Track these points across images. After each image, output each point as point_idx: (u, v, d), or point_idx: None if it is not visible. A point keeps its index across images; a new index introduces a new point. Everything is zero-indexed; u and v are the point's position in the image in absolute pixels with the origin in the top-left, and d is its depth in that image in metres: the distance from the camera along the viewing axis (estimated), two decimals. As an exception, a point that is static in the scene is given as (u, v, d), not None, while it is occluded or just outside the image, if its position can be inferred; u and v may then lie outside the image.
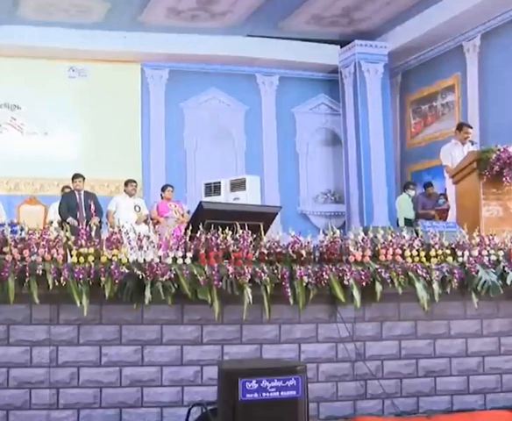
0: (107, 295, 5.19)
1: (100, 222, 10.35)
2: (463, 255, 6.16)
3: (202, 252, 5.57)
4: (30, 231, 5.47)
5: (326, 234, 5.99)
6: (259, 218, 6.18)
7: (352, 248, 5.94)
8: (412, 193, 13.17)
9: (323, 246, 5.92)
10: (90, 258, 5.34)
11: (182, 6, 13.84)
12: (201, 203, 6.66)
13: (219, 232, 5.70)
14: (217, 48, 14.90)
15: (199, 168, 15.20)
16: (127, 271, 5.27)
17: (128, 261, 5.40)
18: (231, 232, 5.72)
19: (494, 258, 6.21)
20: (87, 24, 14.03)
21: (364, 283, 5.75)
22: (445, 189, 11.11)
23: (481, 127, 13.14)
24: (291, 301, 5.60)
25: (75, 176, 11.37)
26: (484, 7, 12.78)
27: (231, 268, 5.48)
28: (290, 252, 5.79)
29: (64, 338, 5.31)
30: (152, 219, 11.45)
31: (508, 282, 6.07)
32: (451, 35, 14.05)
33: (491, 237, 6.38)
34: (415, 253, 6.10)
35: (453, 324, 6.09)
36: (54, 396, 5.26)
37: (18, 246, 5.29)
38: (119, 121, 14.79)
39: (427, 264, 6.02)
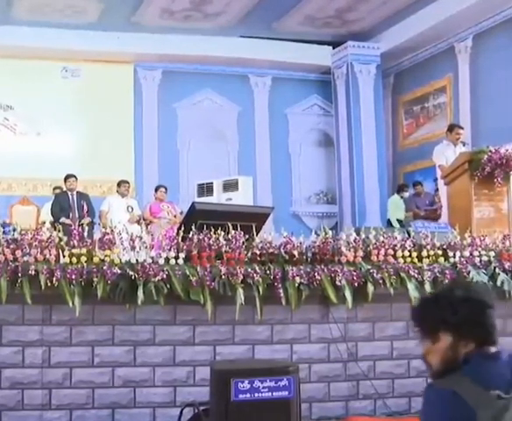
0: (99, 295, 5.20)
1: (92, 222, 10.34)
2: (454, 256, 6.19)
3: (195, 252, 5.59)
4: (22, 232, 5.48)
5: (318, 235, 6.02)
6: (251, 219, 6.19)
7: (344, 249, 5.96)
8: (406, 195, 13.20)
9: (316, 247, 5.95)
10: (83, 258, 5.35)
11: (176, 7, 13.83)
12: (193, 203, 6.68)
13: (212, 233, 5.71)
14: (211, 49, 14.88)
15: (192, 169, 15.18)
16: (120, 271, 5.28)
17: (120, 262, 5.42)
18: (223, 233, 5.74)
19: (485, 258, 6.24)
20: (80, 25, 14.00)
21: (356, 284, 5.77)
22: (436, 190, 11.14)
23: (473, 128, 13.17)
24: (283, 301, 5.61)
25: (68, 176, 11.34)
26: (476, 9, 12.81)
27: (223, 269, 5.49)
28: (282, 252, 5.81)
29: (56, 338, 5.32)
30: (144, 220, 11.44)
31: (499, 283, 6.11)
32: (443, 36, 14.08)
33: (482, 238, 6.41)
34: (406, 253, 6.12)
35: (445, 324, 6.11)
36: (47, 396, 5.26)
37: (11, 246, 5.30)
38: (112, 121, 14.75)
39: (419, 265, 6.05)
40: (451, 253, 6.22)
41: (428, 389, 2.32)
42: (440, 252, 6.23)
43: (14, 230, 5.59)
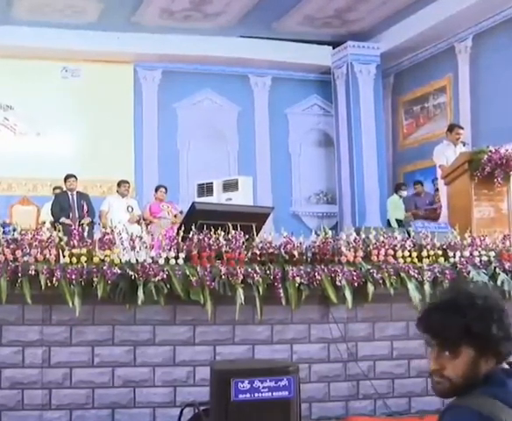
0: (99, 295, 5.19)
1: (92, 222, 10.34)
2: (454, 256, 6.19)
3: (195, 252, 5.58)
4: (22, 232, 5.48)
5: (318, 235, 6.02)
6: (251, 219, 6.19)
7: (344, 249, 5.96)
8: (404, 194, 13.19)
9: (316, 247, 5.94)
10: (83, 258, 5.34)
11: (176, 7, 13.82)
12: (193, 203, 6.68)
13: (212, 233, 5.71)
14: (210, 49, 14.88)
15: (192, 169, 15.18)
16: (120, 271, 5.27)
17: (121, 262, 5.41)
18: (223, 233, 5.74)
19: (485, 258, 6.24)
20: (80, 25, 14.00)
21: (356, 284, 5.77)
22: (436, 190, 11.14)
23: (473, 128, 13.17)
24: (283, 301, 5.61)
25: (68, 176, 11.35)
26: (476, 9, 12.81)
27: (223, 269, 5.49)
28: (283, 252, 5.81)
29: (56, 338, 5.32)
30: (144, 220, 11.44)
31: (499, 283, 6.10)
32: (443, 36, 14.08)
33: (482, 238, 6.41)
34: (407, 253, 6.12)
35: (445, 324, 6.10)
36: (47, 396, 5.26)
37: (11, 246, 5.30)
38: (112, 121, 14.75)
39: (419, 265, 6.04)
40: (451, 253, 6.21)
41: (453, 410, 2.03)
42: (440, 252, 6.23)
43: (14, 230, 5.60)
